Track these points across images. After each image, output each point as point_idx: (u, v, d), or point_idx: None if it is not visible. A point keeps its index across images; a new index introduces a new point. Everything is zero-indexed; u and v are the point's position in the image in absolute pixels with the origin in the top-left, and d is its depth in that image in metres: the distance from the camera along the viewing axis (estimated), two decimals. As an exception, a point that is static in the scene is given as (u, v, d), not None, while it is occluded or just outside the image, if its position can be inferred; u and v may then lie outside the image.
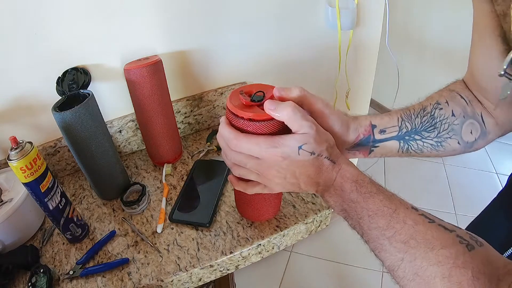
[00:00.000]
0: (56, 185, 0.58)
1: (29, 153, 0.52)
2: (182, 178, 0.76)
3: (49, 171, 0.56)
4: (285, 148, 0.39)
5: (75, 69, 0.70)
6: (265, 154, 0.40)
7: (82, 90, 0.65)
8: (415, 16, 2.06)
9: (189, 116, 0.89)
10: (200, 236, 0.62)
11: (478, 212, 0.66)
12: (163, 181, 0.75)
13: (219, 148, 0.84)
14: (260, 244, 0.60)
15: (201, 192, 0.71)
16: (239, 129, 0.42)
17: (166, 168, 0.78)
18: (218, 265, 0.59)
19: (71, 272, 0.57)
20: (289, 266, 1.64)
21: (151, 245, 0.62)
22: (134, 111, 0.75)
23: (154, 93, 0.70)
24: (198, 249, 0.60)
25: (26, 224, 0.65)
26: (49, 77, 0.68)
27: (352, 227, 0.40)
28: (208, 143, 0.86)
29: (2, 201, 0.62)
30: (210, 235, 0.62)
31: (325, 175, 0.40)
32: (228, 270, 0.61)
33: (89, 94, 0.63)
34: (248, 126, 0.41)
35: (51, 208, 0.57)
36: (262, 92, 0.43)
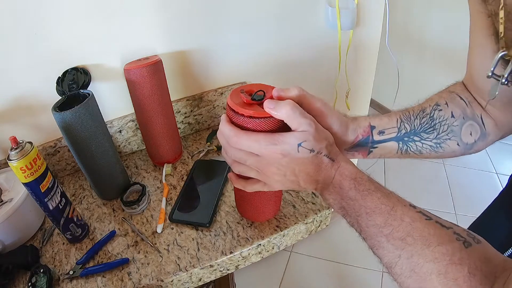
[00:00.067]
0: (56, 185, 0.58)
1: (29, 153, 0.52)
2: (182, 178, 0.76)
3: (49, 171, 0.56)
4: (285, 146, 0.39)
5: (75, 69, 0.70)
6: (265, 151, 0.40)
7: (82, 90, 0.65)
8: (415, 16, 2.07)
9: (189, 116, 0.89)
10: (200, 236, 0.62)
11: (478, 212, 0.66)
12: (163, 181, 0.75)
13: (219, 148, 0.84)
14: (260, 244, 0.60)
15: (201, 192, 0.71)
16: (239, 127, 0.42)
17: (166, 168, 0.78)
18: (218, 265, 0.59)
19: (71, 272, 0.57)
20: (289, 266, 1.64)
21: (151, 245, 0.62)
22: (134, 111, 0.75)
23: (154, 93, 0.70)
24: (198, 249, 0.60)
25: (26, 224, 0.65)
26: (49, 77, 0.68)
27: (351, 225, 0.40)
28: (208, 143, 0.86)
29: (2, 201, 0.62)
30: (210, 235, 0.62)
31: (324, 173, 0.40)
32: (228, 270, 0.61)
33: (89, 94, 0.63)
34: (248, 123, 0.42)
35: (51, 208, 0.57)
36: (263, 92, 0.43)
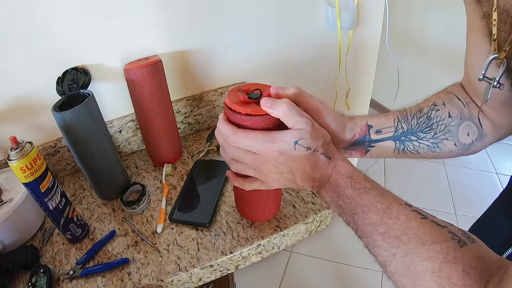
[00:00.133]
0: (56, 185, 0.58)
1: (29, 153, 0.52)
2: (182, 178, 0.76)
3: (49, 171, 0.56)
4: (282, 143, 0.40)
5: (75, 69, 0.70)
6: (262, 149, 0.40)
7: (82, 90, 0.65)
8: (415, 16, 2.06)
9: (189, 116, 0.89)
10: (200, 236, 0.62)
11: (478, 213, 0.66)
12: (163, 181, 0.75)
13: (219, 148, 0.83)
14: (260, 244, 0.60)
15: (201, 192, 0.71)
16: (237, 125, 0.43)
17: (166, 168, 0.78)
18: (218, 265, 0.59)
19: (71, 272, 0.57)
20: (289, 266, 1.64)
21: (151, 245, 0.62)
22: (134, 111, 0.75)
23: (154, 93, 0.70)
24: (198, 249, 0.60)
25: (26, 224, 0.65)
26: (49, 77, 0.68)
27: (347, 223, 0.41)
28: (208, 143, 0.86)
29: (2, 201, 0.62)
30: (210, 235, 0.62)
31: (321, 171, 0.41)
32: (228, 270, 0.61)
33: (89, 94, 0.63)
34: (245, 121, 0.42)
35: (51, 208, 0.57)
36: (260, 90, 0.44)
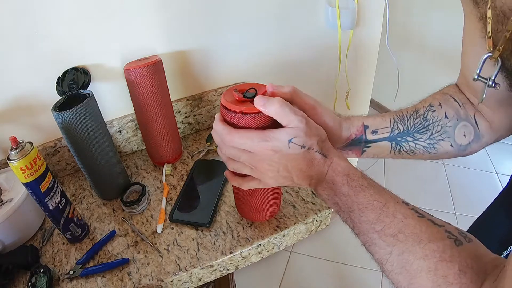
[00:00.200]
0: (56, 185, 0.58)
1: (29, 153, 0.52)
2: (182, 178, 0.76)
3: (49, 171, 0.56)
4: (276, 142, 0.40)
5: (75, 69, 0.70)
6: (257, 148, 0.40)
7: (82, 90, 0.65)
8: (415, 16, 2.06)
9: (189, 116, 0.89)
10: (200, 236, 0.62)
11: (478, 212, 0.66)
12: (163, 181, 0.75)
13: (219, 148, 0.84)
14: (260, 244, 0.60)
15: (201, 192, 0.71)
16: (232, 124, 0.43)
17: (166, 168, 0.78)
18: (218, 265, 0.59)
19: (71, 272, 0.57)
20: (289, 266, 1.64)
21: (151, 245, 0.62)
22: (134, 111, 0.75)
23: (154, 93, 0.70)
24: (198, 249, 0.60)
25: (26, 224, 0.65)
26: (49, 77, 0.68)
27: (344, 221, 0.41)
28: (208, 143, 0.86)
29: (2, 201, 0.62)
30: (210, 235, 0.62)
31: (317, 169, 0.41)
32: (228, 270, 0.61)
33: (89, 94, 0.63)
34: (240, 120, 0.42)
35: (51, 208, 0.57)
36: (255, 89, 0.44)
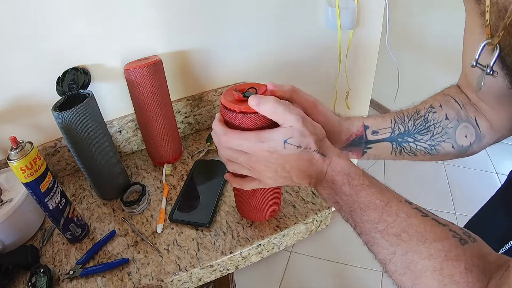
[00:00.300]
0: (56, 185, 0.58)
1: (29, 153, 0.52)
2: (182, 178, 0.76)
3: (49, 171, 0.56)
4: (271, 143, 0.39)
5: (75, 69, 0.70)
6: (253, 149, 0.40)
7: (82, 90, 0.65)
8: (415, 16, 2.06)
9: (189, 116, 0.89)
10: (200, 236, 0.62)
11: (478, 213, 0.66)
12: (163, 181, 0.75)
13: (219, 148, 0.84)
14: (260, 244, 0.60)
15: (201, 192, 0.71)
16: (232, 123, 0.43)
17: (166, 168, 0.78)
18: (218, 265, 0.59)
19: (71, 272, 0.57)
20: (289, 266, 1.64)
21: (151, 245, 0.62)
22: (134, 111, 0.75)
23: (154, 93, 0.70)
24: (198, 249, 0.60)
25: (26, 224, 0.65)
26: (49, 77, 0.68)
27: (345, 220, 0.40)
28: (208, 143, 0.86)
29: (2, 201, 0.62)
30: (210, 235, 0.62)
31: (316, 168, 0.40)
32: (228, 270, 0.61)
33: (89, 94, 0.63)
34: (240, 119, 0.42)
35: (51, 208, 0.57)
36: (255, 89, 0.44)
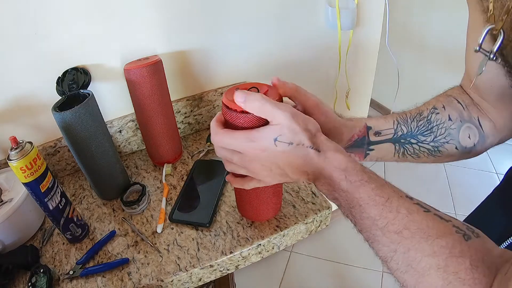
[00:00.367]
0: (56, 185, 0.58)
1: (29, 153, 0.52)
2: (182, 178, 0.76)
3: (49, 171, 0.56)
4: (262, 141, 0.38)
5: (75, 69, 0.70)
6: (245, 148, 0.40)
7: (82, 90, 0.65)
8: (415, 16, 2.06)
9: (189, 116, 0.89)
10: (200, 236, 0.62)
11: (478, 213, 0.66)
12: (163, 181, 0.75)
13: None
14: (260, 244, 0.60)
15: (201, 192, 0.71)
16: (232, 123, 0.42)
17: (166, 168, 0.78)
18: (218, 265, 0.59)
19: (71, 272, 0.57)
20: (289, 266, 1.64)
21: (151, 245, 0.62)
22: (134, 111, 0.75)
23: (154, 93, 0.70)
24: (198, 249, 0.60)
25: (26, 224, 0.65)
26: (49, 77, 0.68)
27: (345, 216, 0.39)
28: (208, 143, 0.86)
29: (2, 201, 0.62)
30: (210, 235, 0.62)
31: (312, 164, 0.39)
32: (228, 270, 0.61)
33: (89, 94, 0.63)
34: (241, 119, 0.41)
35: (51, 208, 0.57)
36: (256, 88, 0.44)
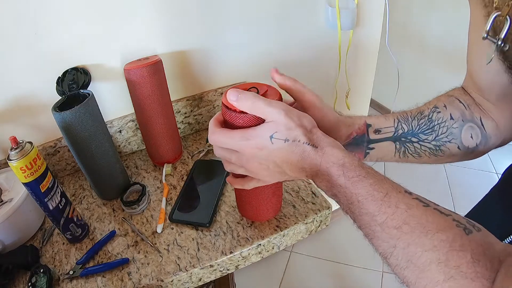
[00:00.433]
0: (56, 185, 0.58)
1: (29, 153, 0.52)
2: (182, 178, 0.76)
3: (49, 171, 0.56)
4: (258, 139, 0.38)
5: (75, 69, 0.70)
6: (242, 147, 0.39)
7: (82, 90, 0.65)
8: (415, 16, 2.07)
9: (189, 116, 0.89)
10: (200, 236, 0.62)
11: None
12: (163, 181, 0.75)
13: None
14: (260, 244, 0.60)
15: (201, 192, 0.71)
16: (232, 123, 0.42)
17: (166, 168, 0.78)
18: (218, 265, 0.59)
19: (71, 272, 0.57)
20: (289, 266, 1.64)
21: (151, 245, 0.62)
22: (134, 111, 0.75)
23: (154, 93, 0.70)
24: (198, 249, 0.60)
25: (26, 224, 0.65)
26: (49, 77, 0.68)
27: (345, 212, 0.39)
28: (208, 143, 0.86)
29: (2, 201, 0.62)
30: (210, 235, 0.62)
31: (309, 161, 0.38)
32: (228, 270, 0.61)
33: (89, 94, 0.63)
34: (240, 119, 0.41)
35: (51, 208, 0.57)
36: (256, 88, 0.43)
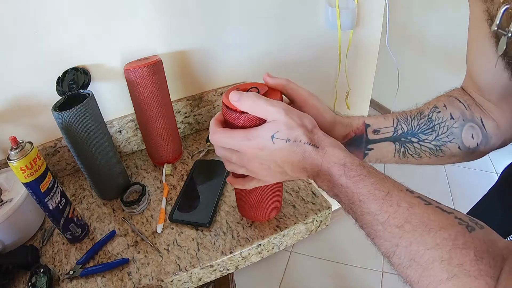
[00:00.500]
0: (56, 185, 0.58)
1: (29, 153, 0.52)
2: (182, 178, 0.76)
3: (49, 171, 0.56)
4: (259, 139, 0.38)
5: (75, 69, 0.70)
6: (243, 147, 0.39)
7: (82, 90, 0.65)
8: (415, 16, 2.07)
9: (189, 116, 0.89)
10: (200, 236, 0.62)
11: (478, 213, 0.66)
12: (163, 181, 0.75)
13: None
14: (260, 244, 0.60)
15: (201, 192, 0.71)
16: (232, 123, 0.42)
17: (166, 168, 0.78)
18: (218, 265, 0.59)
19: (71, 272, 0.57)
20: (289, 266, 1.64)
21: (151, 245, 0.62)
22: (134, 111, 0.75)
23: (154, 93, 0.70)
24: (198, 249, 0.60)
25: (26, 224, 0.65)
26: (49, 77, 0.68)
27: (347, 212, 0.39)
28: (208, 143, 0.86)
29: (2, 201, 0.62)
30: (210, 235, 0.62)
31: (310, 161, 0.38)
32: (228, 270, 0.61)
33: (89, 94, 0.63)
34: (241, 119, 0.41)
35: (51, 208, 0.57)
36: (257, 88, 0.43)
